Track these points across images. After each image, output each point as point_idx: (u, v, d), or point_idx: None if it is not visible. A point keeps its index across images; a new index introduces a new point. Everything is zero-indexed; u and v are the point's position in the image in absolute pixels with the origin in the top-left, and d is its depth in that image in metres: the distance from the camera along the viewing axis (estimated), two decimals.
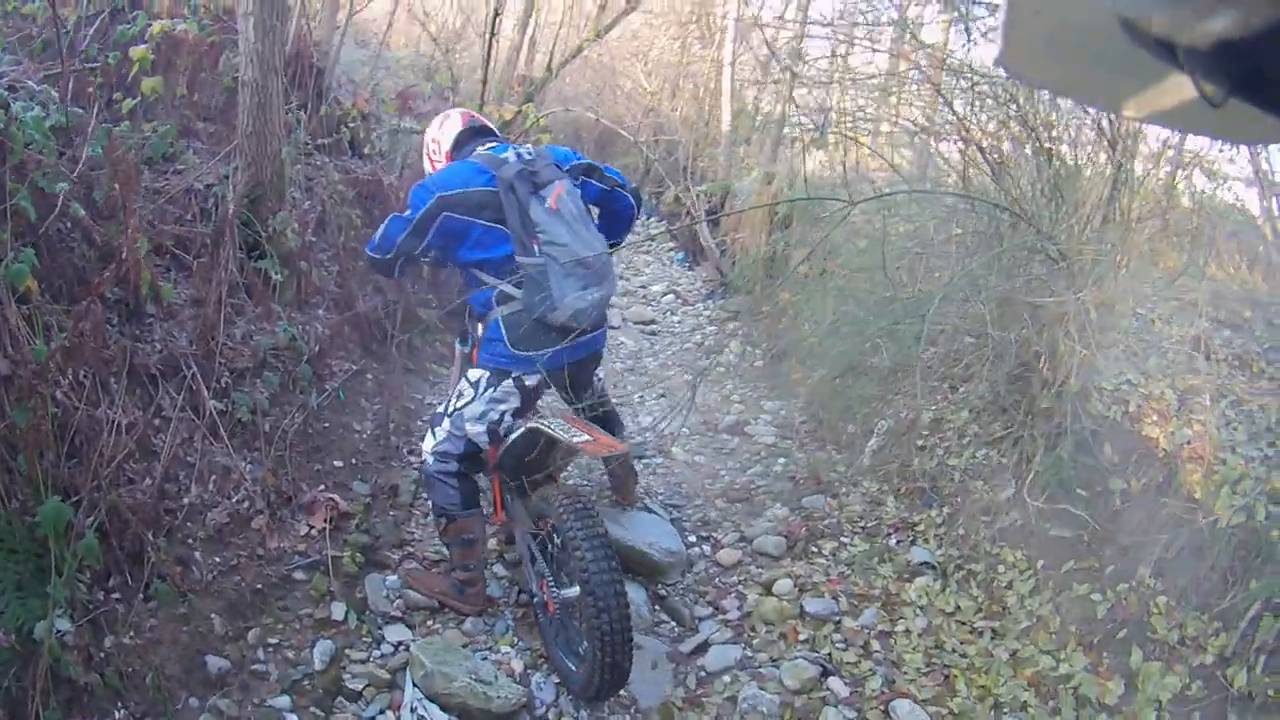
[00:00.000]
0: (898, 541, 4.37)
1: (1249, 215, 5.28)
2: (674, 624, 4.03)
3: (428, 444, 3.69)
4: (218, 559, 3.34)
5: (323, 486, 3.98)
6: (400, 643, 3.60)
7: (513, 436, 3.59)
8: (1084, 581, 3.58)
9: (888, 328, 4.35)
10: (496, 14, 6.28)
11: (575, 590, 3.32)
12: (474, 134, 3.72)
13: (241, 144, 3.82)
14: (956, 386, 4.68)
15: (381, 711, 3.30)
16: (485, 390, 3.56)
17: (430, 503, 3.90)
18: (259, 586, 3.40)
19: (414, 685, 3.33)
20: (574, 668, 3.43)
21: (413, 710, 3.28)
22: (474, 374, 3.60)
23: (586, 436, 3.43)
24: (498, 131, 3.86)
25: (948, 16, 5.93)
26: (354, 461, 4.33)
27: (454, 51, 7.74)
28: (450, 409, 3.63)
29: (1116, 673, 3.29)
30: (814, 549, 4.42)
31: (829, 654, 3.77)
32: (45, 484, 2.67)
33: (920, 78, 4.91)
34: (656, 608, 4.11)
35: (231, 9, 4.41)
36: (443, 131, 3.76)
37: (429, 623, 3.77)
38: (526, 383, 3.55)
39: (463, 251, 3.46)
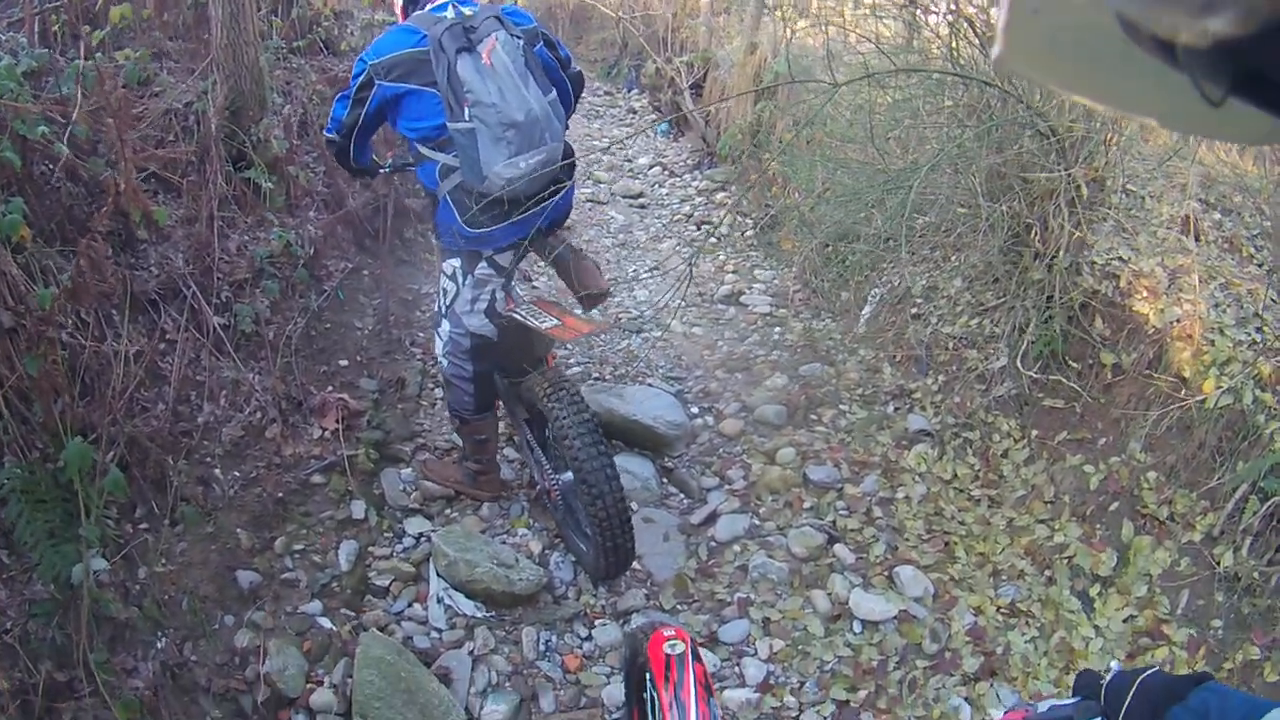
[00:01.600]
0: (895, 409, 4.44)
1: None
2: (683, 496, 4.14)
3: (437, 347, 3.62)
4: (237, 473, 3.42)
5: (331, 387, 4.03)
6: (421, 535, 3.72)
7: (495, 329, 3.50)
8: (1076, 453, 3.65)
9: (877, 197, 4.26)
10: None
11: (570, 475, 3.34)
12: None
13: (217, 56, 3.67)
14: (949, 256, 4.65)
15: (410, 605, 3.44)
16: (465, 278, 3.38)
17: (446, 400, 3.93)
18: (279, 495, 3.49)
19: (438, 575, 3.48)
20: (585, 548, 3.52)
21: (439, 600, 3.43)
22: (448, 265, 3.42)
23: (555, 321, 3.36)
24: None
25: None
26: (359, 359, 4.37)
27: None
28: (443, 307, 3.50)
29: (1109, 545, 3.39)
30: (814, 417, 4.49)
31: (833, 521, 3.88)
32: (64, 428, 2.71)
33: None
34: (665, 480, 4.21)
35: None
36: None
37: (447, 512, 3.88)
38: (498, 260, 3.37)
39: (401, 123, 3.19)
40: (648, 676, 2.15)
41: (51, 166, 3.00)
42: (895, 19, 4.80)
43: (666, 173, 8.08)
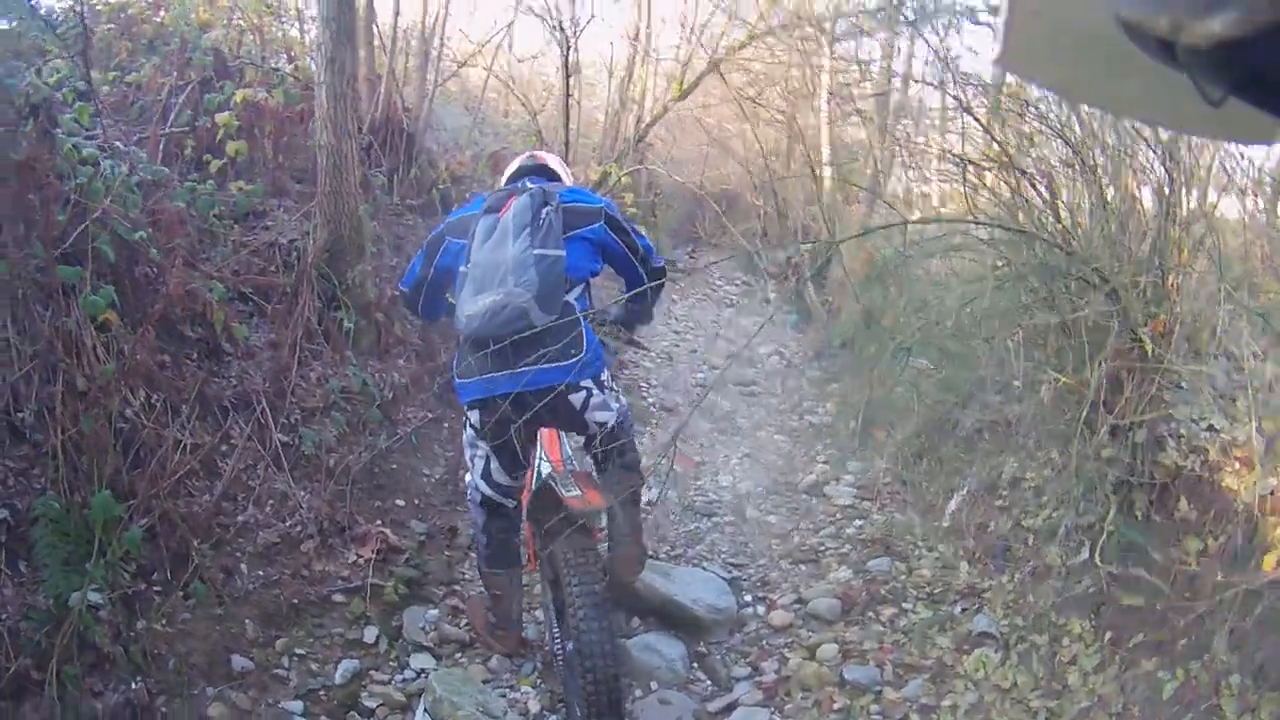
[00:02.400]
0: (963, 610, 4.35)
1: None
2: (709, 682, 4.21)
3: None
4: (261, 573, 3.95)
5: (379, 522, 4.55)
6: (423, 670, 4.01)
7: (535, 487, 3.88)
8: (1152, 656, 3.44)
9: (960, 380, 4.44)
10: (569, 77, 6.95)
11: (572, 645, 3.49)
12: (528, 172, 3.95)
13: (321, 202, 4.58)
14: (1041, 443, 4.62)
15: None
16: (464, 434, 3.81)
17: None
18: (296, 602, 3.97)
19: (424, 710, 3.77)
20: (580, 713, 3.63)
21: None
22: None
23: (576, 492, 3.59)
24: (561, 174, 4.01)
25: None
26: (417, 502, 4.91)
27: (541, 112, 8.45)
28: None
29: None
30: (871, 615, 4.48)
31: None
32: (102, 483, 3.37)
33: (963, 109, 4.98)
34: (695, 665, 4.30)
35: None
36: (509, 166, 4.11)
37: (457, 655, 4.18)
38: (471, 418, 3.63)
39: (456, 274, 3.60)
40: None
41: (154, 270, 3.84)
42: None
43: (784, 362, 8.54)
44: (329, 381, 4.61)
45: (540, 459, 3.98)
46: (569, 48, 7.07)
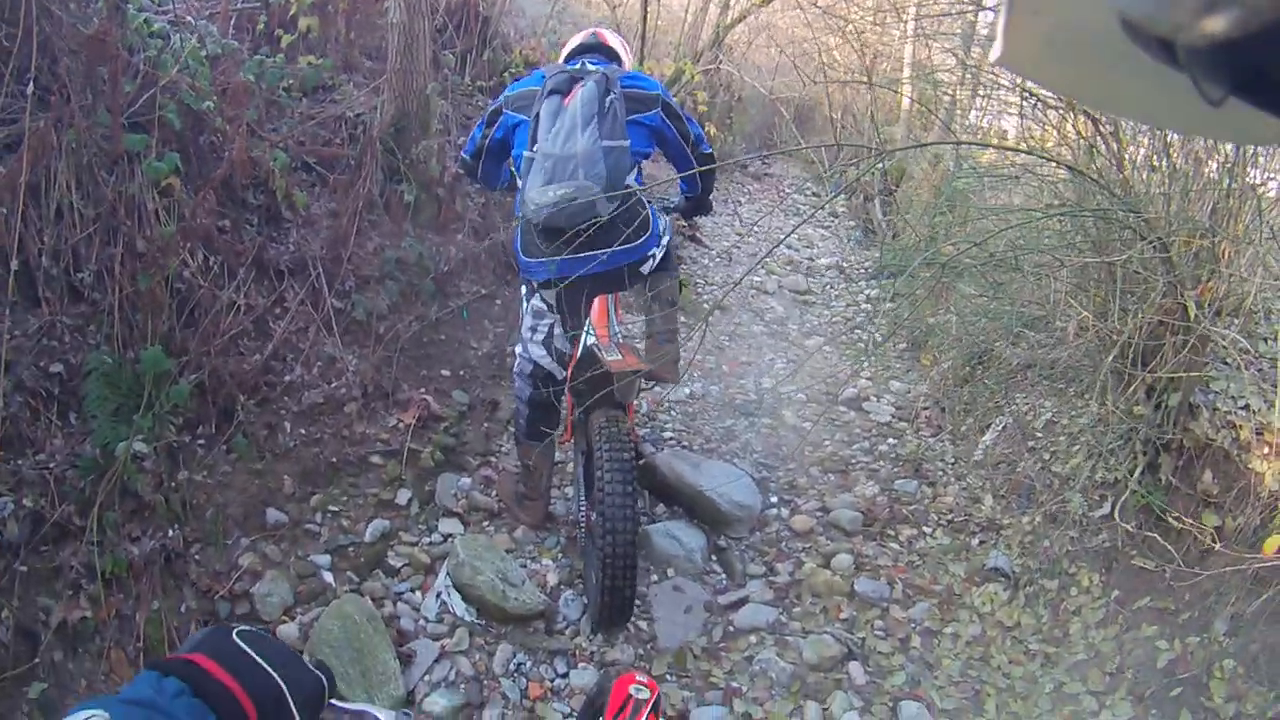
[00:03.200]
0: (980, 542, 4.43)
1: None
2: (724, 576, 4.34)
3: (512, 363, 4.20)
4: (303, 431, 4.13)
5: (422, 390, 4.69)
6: (450, 535, 4.20)
7: (579, 355, 3.93)
8: (1155, 623, 3.49)
9: (1011, 320, 4.40)
10: None
11: (595, 513, 3.64)
12: (588, 50, 4.02)
13: (390, 78, 4.58)
14: (1080, 392, 4.58)
15: (412, 590, 3.92)
16: (526, 304, 3.96)
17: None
18: (335, 461, 4.15)
19: (447, 573, 3.94)
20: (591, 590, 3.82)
21: (437, 595, 3.89)
22: (523, 288, 4.00)
23: (617, 356, 3.70)
24: (621, 55, 4.05)
25: None
26: (462, 373, 5.03)
27: (630, 7, 8.20)
28: (520, 329, 4.07)
29: None
30: (890, 533, 4.58)
31: (863, 639, 3.92)
32: (155, 340, 3.53)
33: None
34: (712, 557, 4.43)
35: None
36: (570, 42, 4.16)
37: (484, 523, 4.36)
38: (545, 296, 3.83)
39: (515, 149, 3.76)
40: (601, 713, 2.24)
41: (220, 138, 3.92)
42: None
43: (843, 276, 8.46)
44: (385, 252, 4.69)
45: (587, 330, 4.02)
46: None
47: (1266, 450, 3.43)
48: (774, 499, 4.89)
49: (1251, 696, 3.03)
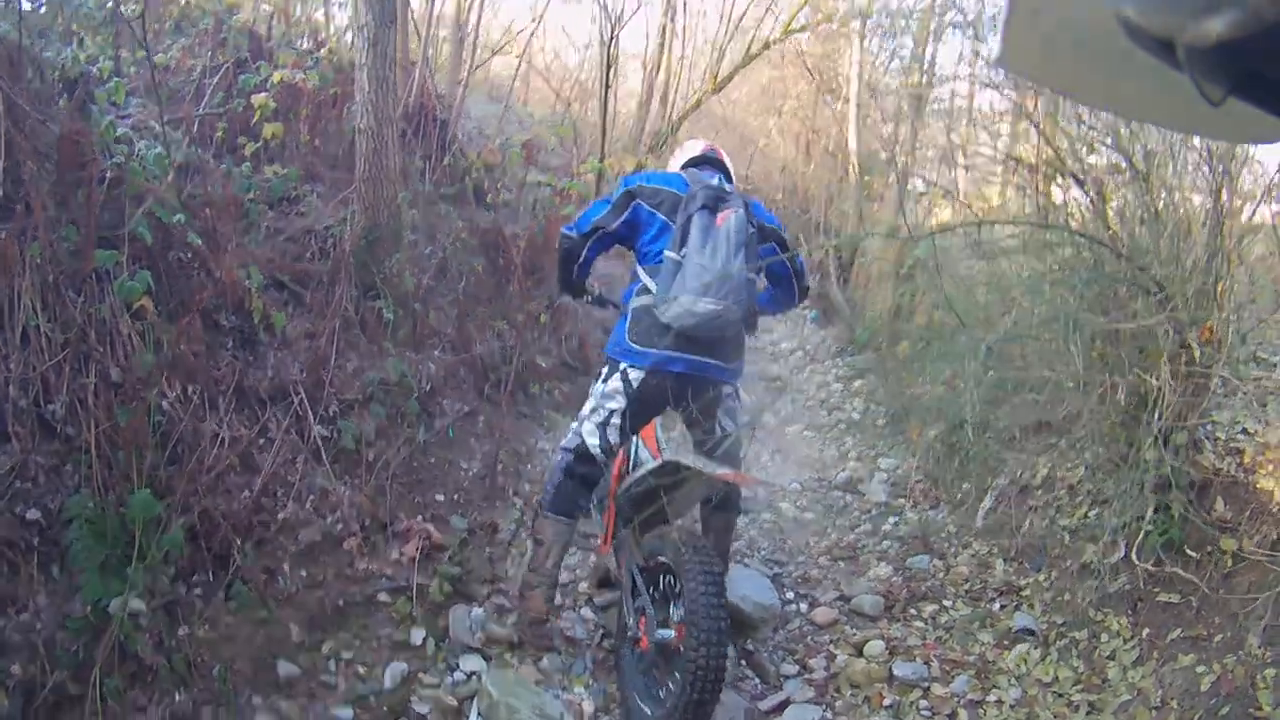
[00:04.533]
0: (1001, 606, 4.31)
1: None
2: (757, 680, 4.05)
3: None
4: (304, 573, 3.62)
5: (420, 517, 4.23)
6: (473, 673, 3.72)
7: (645, 469, 3.71)
8: (1189, 651, 3.44)
9: (993, 377, 4.38)
10: (609, 67, 6.64)
11: (672, 633, 3.43)
12: (705, 162, 4.10)
13: (359, 188, 4.24)
14: (1074, 445, 4.53)
15: None
16: (601, 383, 3.83)
17: None
18: (341, 603, 3.65)
19: (479, 715, 3.47)
20: (649, 711, 3.46)
21: None
22: (600, 370, 3.89)
23: (728, 468, 3.56)
24: (728, 171, 4.14)
25: None
26: (456, 498, 4.59)
27: (581, 105, 8.22)
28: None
29: None
30: (913, 611, 4.41)
31: None
32: (140, 481, 3.03)
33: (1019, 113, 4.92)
34: (742, 663, 4.13)
35: (354, 62, 4.93)
36: (684, 149, 4.24)
37: (507, 656, 3.89)
38: (630, 376, 3.73)
39: (641, 240, 3.80)
40: None
41: (188, 255, 3.49)
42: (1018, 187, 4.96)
43: (809, 358, 8.37)
44: (367, 373, 4.27)
45: (637, 447, 4.08)
46: (612, 39, 6.76)
47: (1271, 468, 3.54)
48: (790, 594, 4.66)
49: None
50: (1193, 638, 3.46)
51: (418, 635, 3.77)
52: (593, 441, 3.82)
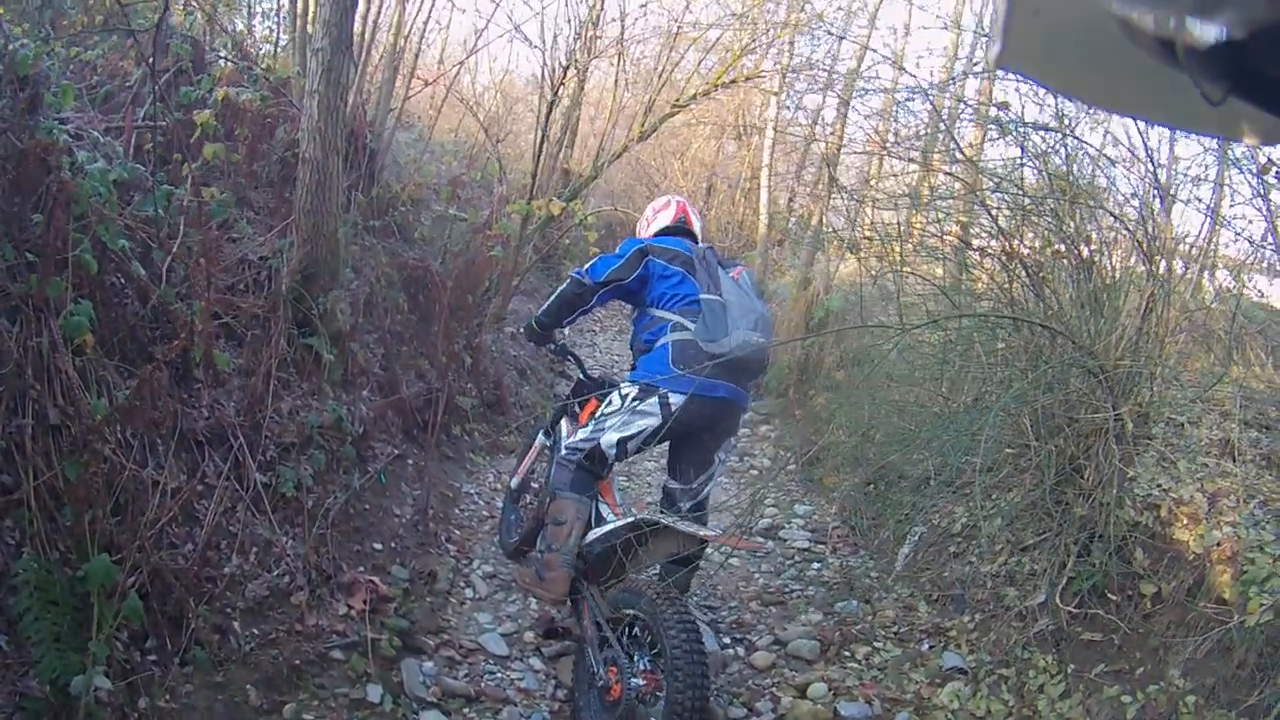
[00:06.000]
0: (930, 646, 4.33)
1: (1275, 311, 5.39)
2: None
3: (567, 439, 4.19)
4: (256, 631, 3.26)
5: (362, 568, 3.91)
6: None
7: (621, 523, 3.78)
8: (1114, 684, 3.54)
9: (927, 439, 4.47)
10: (551, 108, 6.49)
11: (643, 682, 3.41)
12: (678, 230, 4.41)
13: (299, 220, 3.89)
14: (990, 495, 4.67)
15: None
16: (632, 402, 3.94)
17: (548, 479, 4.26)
18: (296, 662, 3.30)
19: None
20: None
21: None
22: (626, 388, 4.02)
23: (712, 530, 3.81)
24: (697, 235, 4.47)
25: (982, 129, 6.09)
26: (393, 545, 4.27)
27: (501, 140, 8.02)
28: (598, 414, 4.05)
29: None
30: (847, 653, 4.38)
31: None
32: (91, 540, 2.63)
33: (958, 189, 5.09)
34: None
35: (288, 81, 4.58)
36: (661, 213, 4.53)
37: (465, 710, 3.64)
38: (670, 400, 3.87)
39: (658, 290, 4.05)
40: None
41: (122, 281, 3.10)
42: (947, 259, 5.10)
43: None
44: (304, 415, 3.90)
45: (597, 504, 4.05)
46: (555, 96, 6.59)
47: (1185, 521, 3.71)
48: (726, 639, 4.57)
49: (1216, 718, 3.11)
50: (1116, 671, 3.58)
51: (374, 692, 3.46)
52: (612, 451, 3.97)
